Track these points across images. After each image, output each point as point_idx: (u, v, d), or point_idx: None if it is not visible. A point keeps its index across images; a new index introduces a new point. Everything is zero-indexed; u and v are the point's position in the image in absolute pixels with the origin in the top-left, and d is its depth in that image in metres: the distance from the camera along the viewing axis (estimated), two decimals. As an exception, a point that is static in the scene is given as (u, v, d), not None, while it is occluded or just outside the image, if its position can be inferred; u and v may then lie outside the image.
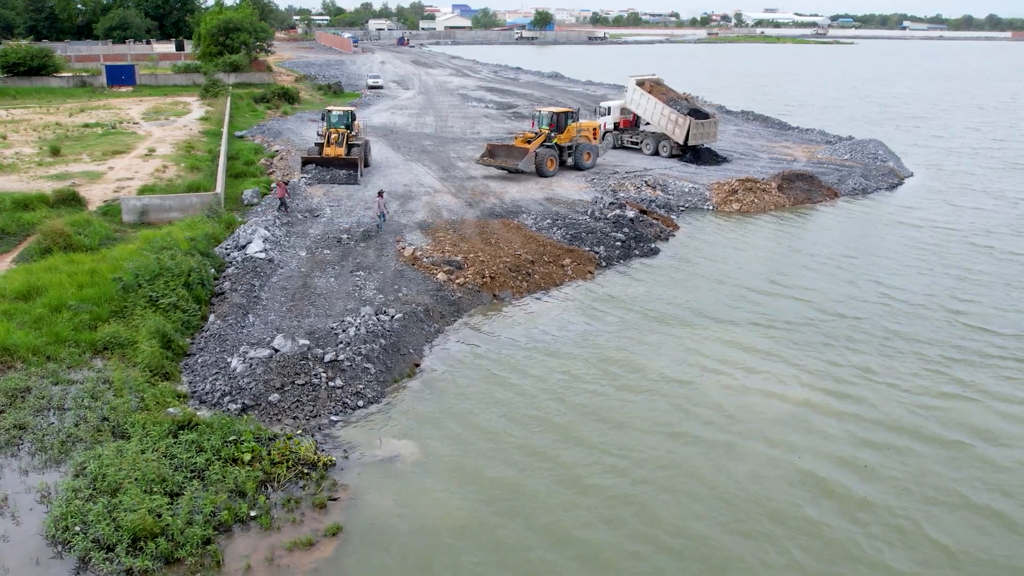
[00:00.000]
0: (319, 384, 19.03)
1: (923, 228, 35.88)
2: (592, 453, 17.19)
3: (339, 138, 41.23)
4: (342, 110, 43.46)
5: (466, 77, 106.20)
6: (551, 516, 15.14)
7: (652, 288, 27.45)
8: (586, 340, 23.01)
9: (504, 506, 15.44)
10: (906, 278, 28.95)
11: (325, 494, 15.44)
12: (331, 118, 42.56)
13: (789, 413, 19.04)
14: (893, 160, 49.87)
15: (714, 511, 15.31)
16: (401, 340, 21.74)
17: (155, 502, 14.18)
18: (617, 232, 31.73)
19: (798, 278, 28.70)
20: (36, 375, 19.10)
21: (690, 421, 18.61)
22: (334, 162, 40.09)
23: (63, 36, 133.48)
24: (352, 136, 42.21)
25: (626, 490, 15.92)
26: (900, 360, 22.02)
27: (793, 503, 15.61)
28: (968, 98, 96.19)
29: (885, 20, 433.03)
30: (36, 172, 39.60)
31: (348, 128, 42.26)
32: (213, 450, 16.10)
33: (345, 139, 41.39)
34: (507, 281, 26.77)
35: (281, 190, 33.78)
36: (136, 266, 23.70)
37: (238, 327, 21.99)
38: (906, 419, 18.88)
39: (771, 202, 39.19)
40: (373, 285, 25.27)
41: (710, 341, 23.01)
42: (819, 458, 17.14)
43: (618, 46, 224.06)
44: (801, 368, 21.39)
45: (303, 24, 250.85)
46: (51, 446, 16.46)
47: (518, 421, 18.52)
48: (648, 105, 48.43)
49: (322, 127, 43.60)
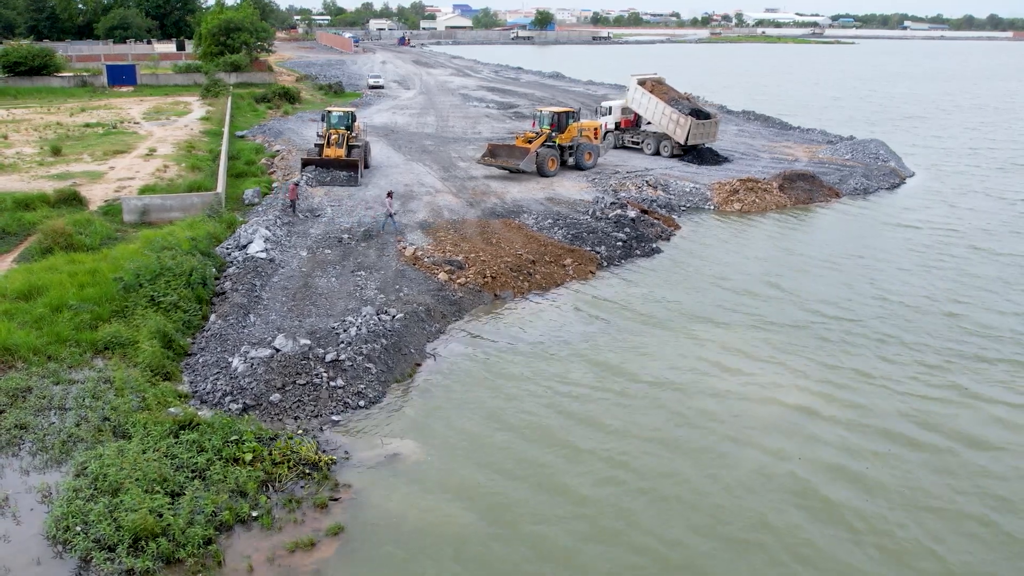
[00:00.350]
0: (320, 384, 19.01)
1: (923, 229, 35.84)
2: (589, 458, 17.14)
3: (339, 139, 40.90)
4: (342, 111, 43.19)
5: (467, 77, 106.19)
6: (547, 521, 15.11)
7: (653, 289, 27.42)
8: (587, 341, 22.98)
9: (503, 508, 15.42)
10: (906, 280, 28.92)
11: (326, 494, 15.42)
12: (331, 119, 42.28)
13: (785, 418, 18.99)
14: (894, 160, 49.84)
15: (709, 522, 15.17)
16: (402, 340, 21.71)
17: (156, 502, 14.15)
18: (618, 232, 31.70)
19: (799, 280, 28.67)
20: (37, 375, 19.07)
21: (687, 428, 18.53)
22: (334, 163, 39.78)
23: (64, 36, 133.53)
24: (352, 137, 41.86)
25: (621, 499, 15.77)
26: (899, 364, 21.97)
27: (788, 514, 15.47)
28: (969, 98, 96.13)
29: (886, 20, 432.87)
30: (37, 172, 39.60)
31: (348, 129, 41.91)
32: (214, 450, 16.07)
33: (345, 140, 41.05)
34: (508, 281, 26.74)
35: (292, 192, 33.47)
36: (137, 266, 23.69)
37: (239, 327, 21.97)
38: (903, 425, 18.82)
39: (772, 202, 39.16)
40: (374, 285, 25.25)
41: (710, 344, 22.97)
42: (815, 466, 17.02)
43: (619, 46, 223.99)
44: (799, 373, 21.34)
45: (304, 24, 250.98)
46: (52, 446, 16.44)
47: (517, 423, 18.49)
48: (649, 104, 48.41)
49: (322, 128, 43.24)
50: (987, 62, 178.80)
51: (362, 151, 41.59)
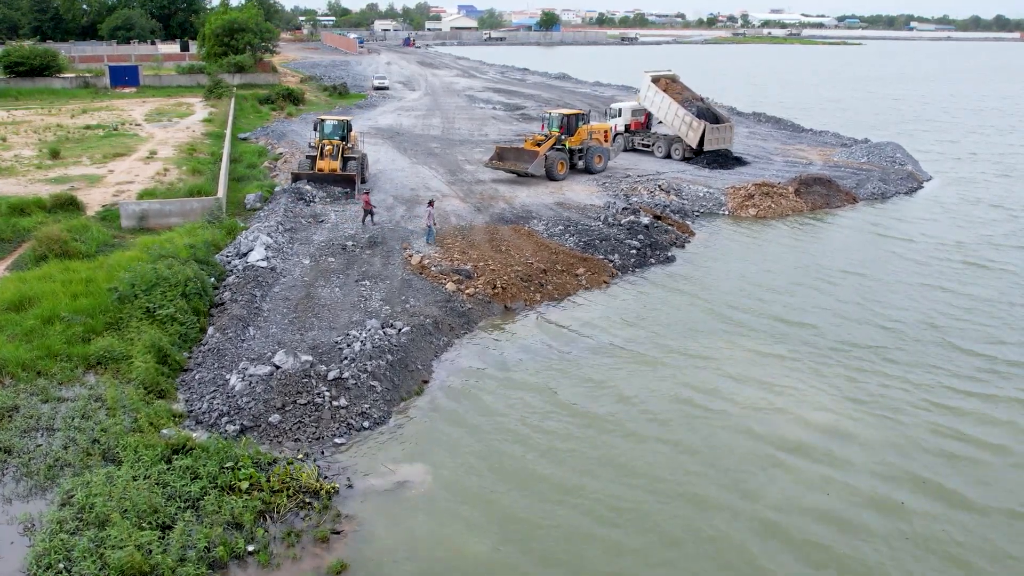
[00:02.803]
0: (322, 404, 17.97)
1: (947, 236, 34.67)
2: (608, 484, 16.03)
3: (334, 151, 37.23)
4: (336, 119, 39.59)
5: (472, 78, 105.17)
6: (567, 557, 14.05)
7: (669, 299, 26.33)
8: (604, 356, 21.90)
9: (520, 541, 14.36)
10: (932, 289, 27.78)
11: (328, 526, 14.38)
12: (324, 128, 38.50)
13: (811, 442, 17.90)
14: (911, 163, 48.64)
15: (737, 556, 14.19)
16: (409, 355, 20.67)
17: (144, 537, 13.13)
18: (632, 239, 30.61)
19: (819, 290, 27.54)
20: (25, 392, 18.12)
21: (709, 450, 17.50)
22: (328, 178, 36.42)
23: (68, 37, 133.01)
24: (348, 148, 38.25)
25: (644, 536, 14.80)
26: (933, 374, 20.87)
27: (821, 548, 14.49)
28: (989, 100, 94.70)
29: (892, 21, 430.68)
30: (34, 175, 38.69)
31: (343, 140, 38.13)
32: (209, 477, 15.06)
33: (340, 152, 37.36)
34: (519, 291, 25.69)
35: (367, 203, 31.87)
36: (132, 275, 22.66)
37: (238, 341, 20.97)
38: (942, 446, 17.75)
39: (788, 207, 38.03)
40: (379, 295, 24.22)
41: (730, 360, 21.84)
42: (847, 495, 15.98)
43: (624, 47, 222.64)
44: (822, 391, 20.24)
45: (308, 25, 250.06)
46: (37, 471, 15.45)
47: (533, 446, 17.43)
48: (663, 104, 47.27)
49: (313, 138, 39.18)
50: (997, 61, 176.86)
51: (359, 164, 38.08)
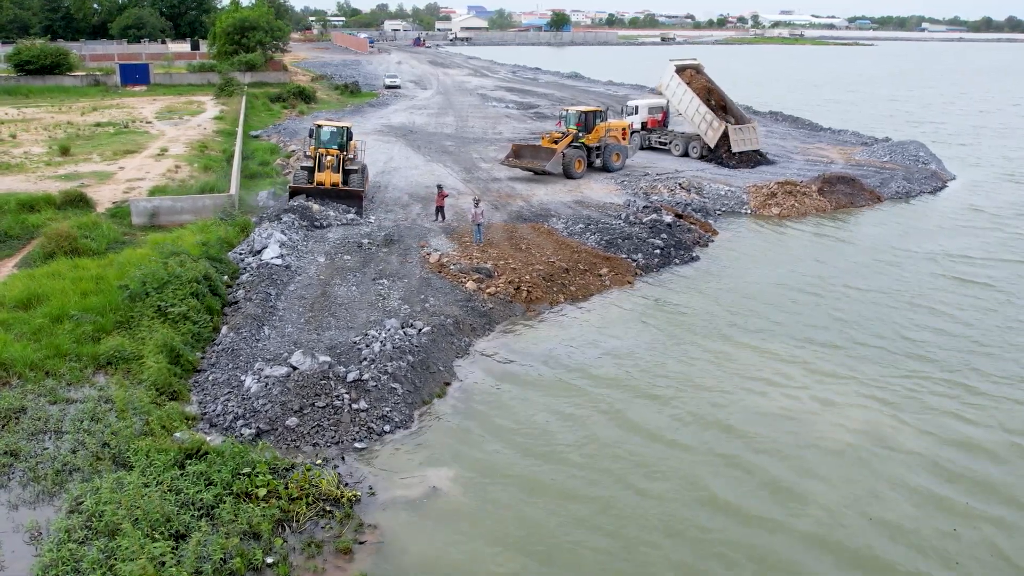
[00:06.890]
0: (341, 407, 17.20)
1: (977, 234, 33.71)
2: (642, 498, 15.14)
3: (333, 162, 32.50)
4: (336, 126, 34.45)
5: (484, 77, 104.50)
6: (604, 571, 13.25)
7: (695, 300, 25.48)
8: (630, 359, 21.05)
9: (553, 553, 13.57)
10: (965, 284, 26.86)
11: (350, 536, 13.60)
12: (321, 136, 33.47)
13: (848, 452, 17.05)
14: (935, 162, 47.61)
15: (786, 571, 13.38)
16: (430, 356, 19.88)
17: (157, 548, 12.39)
18: (655, 238, 29.76)
19: (848, 291, 26.65)
20: (33, 393, 17.43)
21: (749, 455, 16.67)
22: (330, 193, 32.13)
23: (78, 36, 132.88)
24: (349, 159, 33.66)
25: (679, 550, 14.00)
26: (977, 383, 19.98)
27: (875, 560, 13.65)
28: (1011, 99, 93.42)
29: (903, 22, 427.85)
30: (44, 172, 38.13)
31: (343, 149, 33.32)
32: (224, 484, 14.29)
33: (340, 163, 32.81)
34: (541, 291, 24.86)
35: (440, 199, 31.16)
36: (143, 273, 21.96)
37: (252, 340, 20.24)
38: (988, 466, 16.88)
39: (812, 206, 37.10)
40: (397, 295, 23.46)
41: (760, 364, 20.92)
42: (897, 505, 15.14)
43: (632, 47, 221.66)
44: (862, 394, 19.38)
45: (319, 25, 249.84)
46: (45, 476, 14.73)
47: (559, 452, 16.62)
48: (684, 97, 46.36)
49: (309, 147, 34.21)
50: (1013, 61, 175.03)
51: (362, 176, 33.68)
